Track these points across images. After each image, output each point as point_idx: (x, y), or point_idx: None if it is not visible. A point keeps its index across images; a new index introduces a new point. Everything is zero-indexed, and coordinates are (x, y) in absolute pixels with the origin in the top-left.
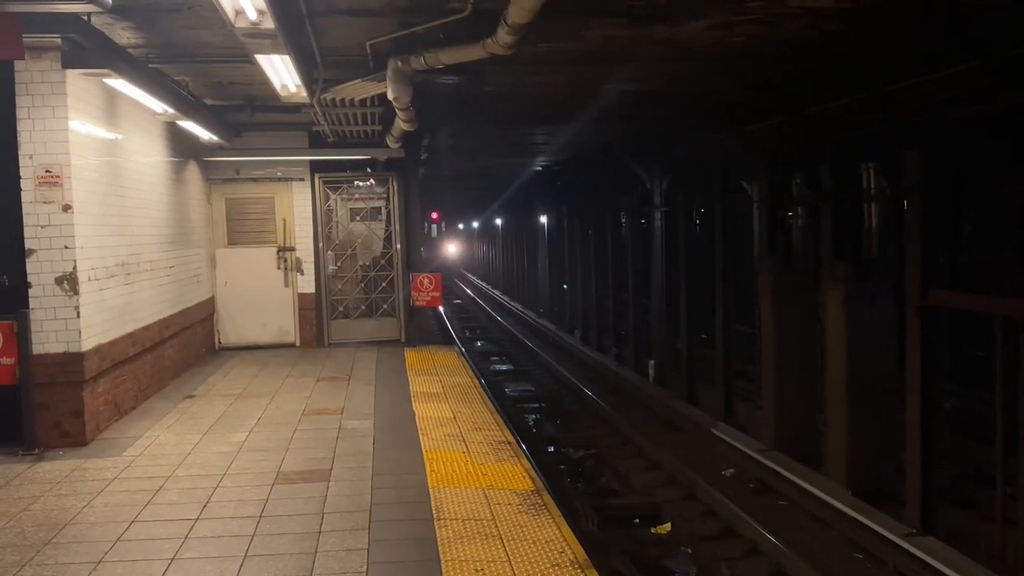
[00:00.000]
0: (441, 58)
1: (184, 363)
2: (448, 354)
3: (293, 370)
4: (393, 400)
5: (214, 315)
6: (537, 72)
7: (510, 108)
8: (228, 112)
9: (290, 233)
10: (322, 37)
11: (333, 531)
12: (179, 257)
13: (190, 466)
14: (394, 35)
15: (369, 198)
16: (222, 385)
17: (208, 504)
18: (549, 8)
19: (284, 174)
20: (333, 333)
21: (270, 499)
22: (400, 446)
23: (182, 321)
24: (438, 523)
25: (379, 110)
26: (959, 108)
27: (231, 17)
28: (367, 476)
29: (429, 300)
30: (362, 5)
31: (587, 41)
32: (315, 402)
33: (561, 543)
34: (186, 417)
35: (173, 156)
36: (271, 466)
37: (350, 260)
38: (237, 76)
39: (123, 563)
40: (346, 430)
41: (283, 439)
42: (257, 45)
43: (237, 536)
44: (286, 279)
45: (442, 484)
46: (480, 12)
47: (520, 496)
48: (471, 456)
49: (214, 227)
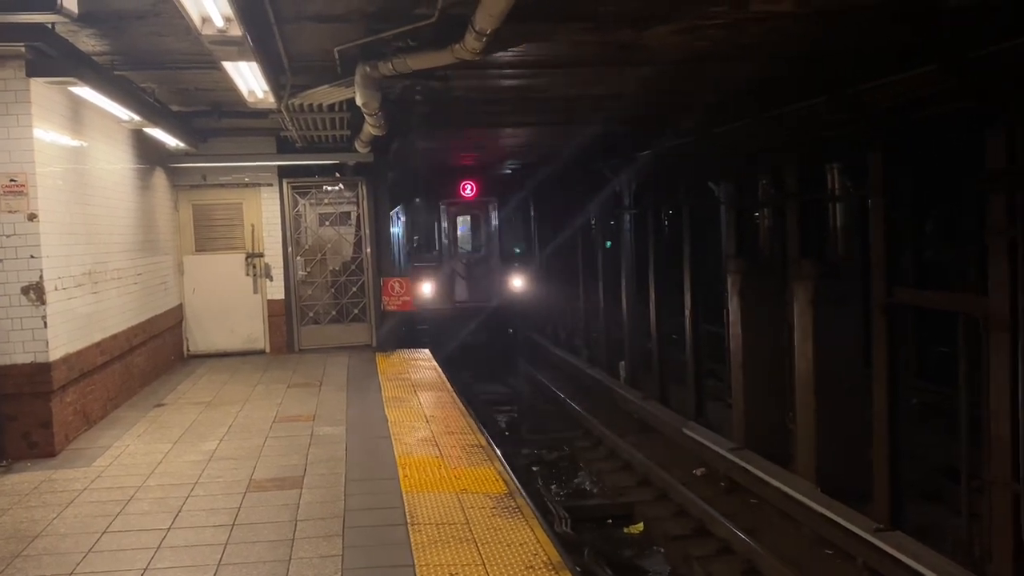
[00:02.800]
0: (409, 63)
1: (153, 371)
2: (420, 359)
3: (263, 377)
4: (365, 406)
5: (182, 322)
6: (504, 76)
7: (478, 112)
8: (195, 118)
9: (258, 239)
10: (289, 43)
11: (307, 538)
12: (146, 265)
13: (161, 475)
14: (362, 41)
15: (338, 203)
16: (192, 393)
17: (180, 513)
18: (517, 14)
19: (252, 180)
20: (303, 339)
21: (243, 507)
22: (373, 452)
23: (150, 329)
24: (412, 528)
25: (347, 115)
26: (923, 109)
27: (198, 24)
28: (340, 482)
29: (400, 304)
30: (329, 11)
31: (554, 46)
32: (286, 409)
33: (535, 545)
34: (156, 426)
35: (139, 163)
36: (243, 474)
37: (320, 265)
38: (204, 82)
39: (95, 575)
40: (318, 437)
41: (254, 447)
42: (224, 52)
43: (210, 545)
44: (255, 285)
45: (415, 489)
46: (448, 18)
47: (494, 499)
48: (444, 460)
49: (181, 234)
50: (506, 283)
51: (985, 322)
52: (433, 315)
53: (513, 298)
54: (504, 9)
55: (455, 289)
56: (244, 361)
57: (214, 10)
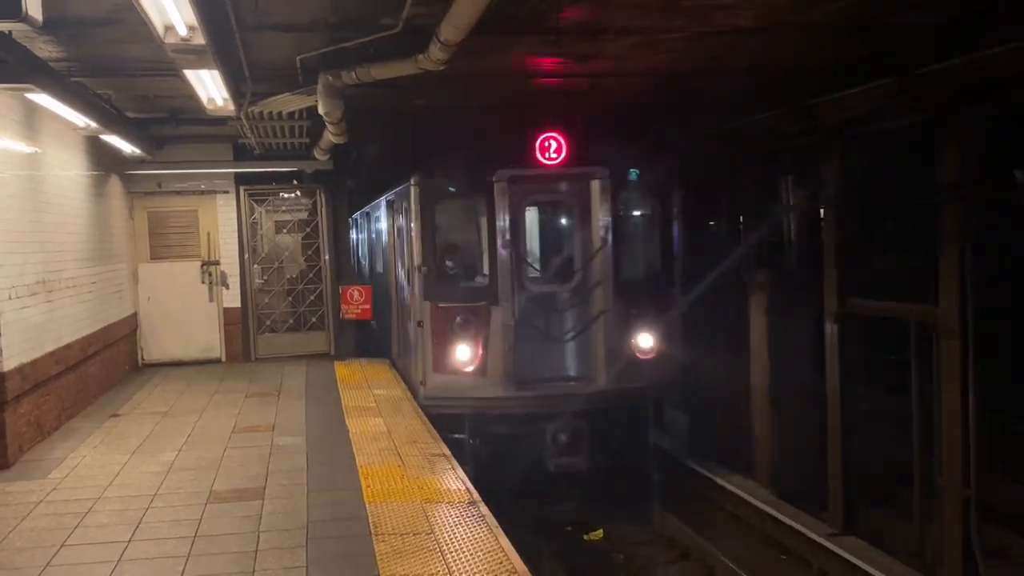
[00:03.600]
0: (373, 73)
1: (108, 381)
2: (379, 367)
3: (220, 386)
4: (325, 415)
5: (137, 331)
6: (467, 86)
7: (439, 120)
8: (151, 125)
9: (214, 247)
10: (251, 51)
11: (270, 549)
12: (101, 273)
13: (119, 487)
14: (324, 50)
15: (296, 210)
16: (148, 403)
17: (140, 525)
18: (481, 26)
19: (208, 187)
20: (260, 348)
21: (204, 519)
22: (334, 462)
23: (105, 338)
24: (376, 538)
25: (307, 123)
26: (875, 122)
27: (161, 33)
28: (302, 493)
29: (359, 313)
30: (292, 20)
31: (517, 57)
32: (245, 419)
33: (500, 554)
34: (112, 437)
35: (94, 170)
36: (203, 485)
37: (277, 273)
38: (162, 89)
39: None
40: (278, 447)
41: (214, 457)
42: (187, 60)
43: (172, 557)
44: (211, 293)
45: (379, 499)
46: (412, 29)
47: (458, 508)
48: (407, 470)
49: (136, 241)
50: (627, 343)
51: (935, 330)
52: (478, 416)
53: (644, 374)
54: (470, 22)
55: (527, 359)
56: (200, 370)
57: (178, 19)
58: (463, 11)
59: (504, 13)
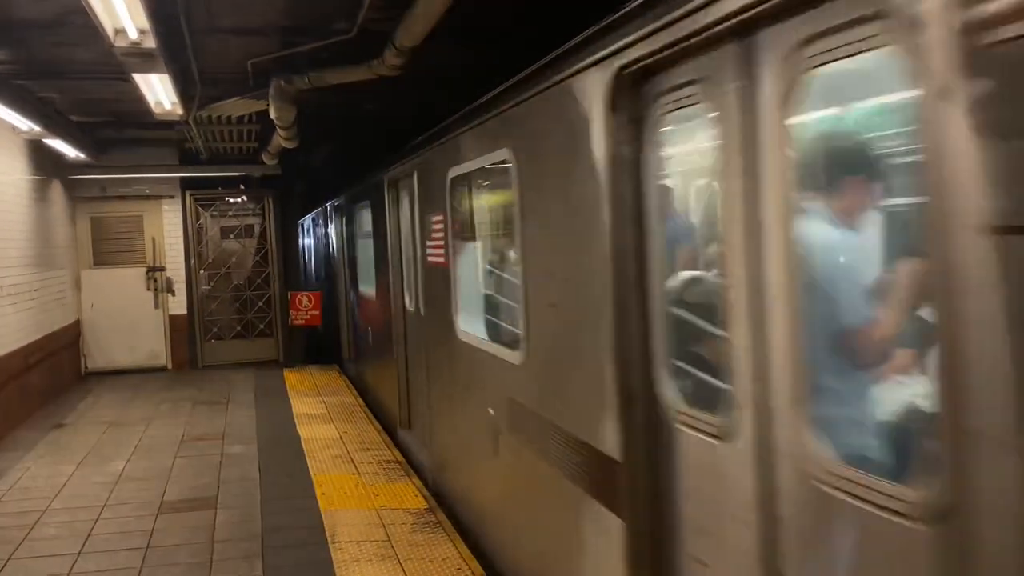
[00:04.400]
0: (326, 78)
1: (51, 390)
2: (329, 374)
3: (168, 395)
4: (276, 423)
5: (81, 339)
6: (419, 91)
7: (390, 124)
8: (96, 129)
9: (160, 252)
10: (202, 55)
11: (226, 559)
12: (43, 280)
13: (67, 498)
14: (276, 55)
15: (243, 215)
16: (93, 412)
17: (90, 537)
18: (437, 32)
19: (153, 191)
20: (207, 355)
21: (156, 530)
22: (287, 470)
23: (48, 346)
24: (333, 546)
25: (256, 127)
26: None
27: (111, 36)
28: (255, 502)
29: (308, 319)
30: (244, 24)
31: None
32: (194, 428)
33: (458, 560)
34: (57, 447)
35: (35, 174)
36: (154, 495)
37: (224, 279)
38: (107, 93)
39: None
40: (229, 456)
41: (164, 467)
42: (137, 64)
43: (124, 569)
44: (156, 300)
45: (334, 507)
46: (367, 34)
47: (414, 515)
48: (361, 477)
49: (79, 247)
50: None
51: None
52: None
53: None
54: (426, 28)
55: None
56: (146, 378)
57: (129, 22)
58: (419, 17)
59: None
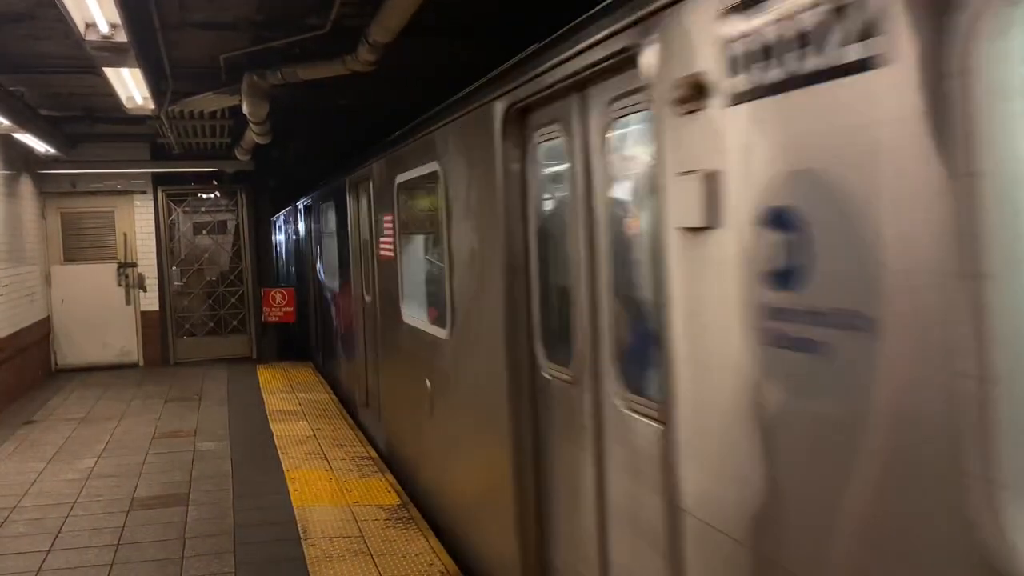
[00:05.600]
0: (299, 73)
1: (20, 387)
2: (303, 370)
3: (139, 391)
4: (248, 420)
5: (51, 335)
6: (393, 87)
7: (363, 120)
8: (65, 123)
9: (131, 248)
10: (174, 49)
11: (197, 555)
12: (11, 276)
13: (36, 495)
14: (249, 49)
15: (216, 211)
16: (63, 409)
17: (60, 534)
18: (411, 28)
19: (124, 187)
20: (179, 352)
21: (127, 526)
22: (260, 467)
23: (16, 343)
24: (306, 543)
25: (229, 122)
26: None
27: (81, 30)
28: (228, 498)
29: (282, 316)
30: (216, 19)
31: (442, 59)
32: (165, 424)
33: (431, 555)
34: (27, 444)
35: (4, 169)
36: (125, 492)
37: (197, 276)
38: (78, 87)
39: None
40: (201, 452)
41: (135, 464)
42: (108, 58)
43: (95, 566)
44: (128, 296)
45: (307, 503)
46: (340, 29)
47: (387, 511)
48: (334, 473)
49: (49, 243)
50: None
51: None
52: None
53: None
54: (400, 23)
55: None
56: (117, 375)
57: (100, 16)
58: (393, 12)
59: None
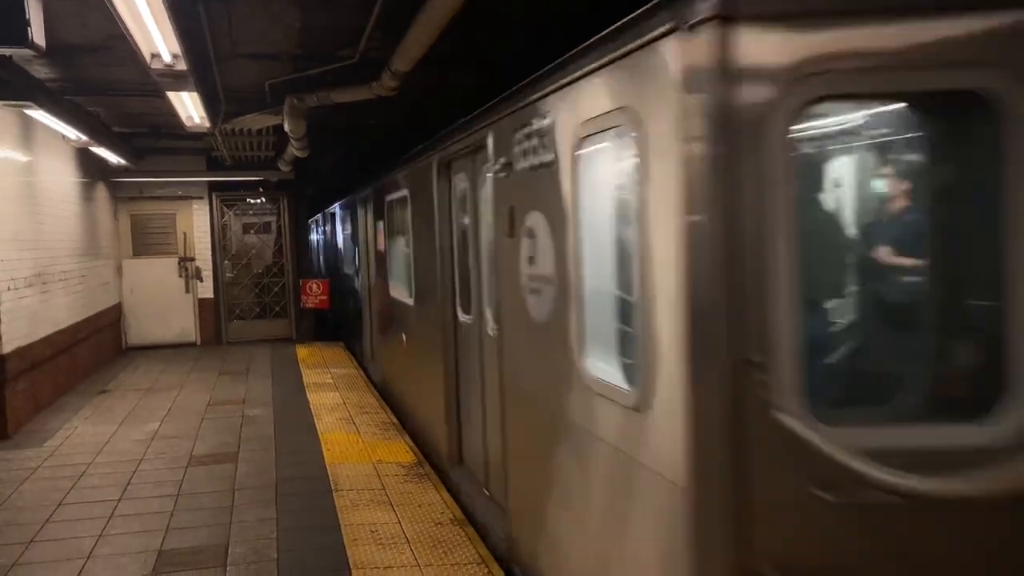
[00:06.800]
0: (332, 97)
1: (96, 362)
2: (335, 350)
3: (196, 366)
4: (288, 390)
5: (121, 318)
6: (413, 108)
7: (388, 136)
8: (134, 138)
9: (190, 245)
10: (226, 76)
11: (245, 504)
12: (90, 267)
13: (109, 453)
14: (289, 77)
15: (262, 214)
16: (132, 381)
17: (129, 486)
18: (428, 58)
19: (184, 193)
20: (231, 333)
21: (185, 479)
22: (298, 430)
23: (93, 324)
24: (336, 494)
25: (273, 138)
26: None
27: (148, 59)
28: (271, 456)
29: (318, 303)
30: (262, 51)
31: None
32: (219, 394)
33: (442, 505)
34: (101, 410)
35: (83, 177)
36: (184, 451)
37: (245, 268)
38: (145, 108)
39: (54, 541)
40: (248, 417)
41: (192, 427)
42: (170, 83)
43: (158, 512)
44: (187, 286)
45: (337, 461)
46: (367, 60)
47: (405, 468)
48: (361, 436)
49: (120, 240)
50: None
51: None
52: None
53: None
54: (418, 55)
55: None
56: (177, 352)
57: (163, 48)
58: (412, 46)
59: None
